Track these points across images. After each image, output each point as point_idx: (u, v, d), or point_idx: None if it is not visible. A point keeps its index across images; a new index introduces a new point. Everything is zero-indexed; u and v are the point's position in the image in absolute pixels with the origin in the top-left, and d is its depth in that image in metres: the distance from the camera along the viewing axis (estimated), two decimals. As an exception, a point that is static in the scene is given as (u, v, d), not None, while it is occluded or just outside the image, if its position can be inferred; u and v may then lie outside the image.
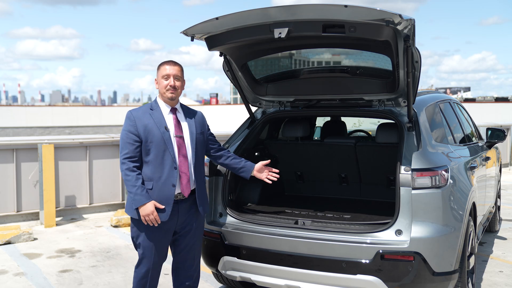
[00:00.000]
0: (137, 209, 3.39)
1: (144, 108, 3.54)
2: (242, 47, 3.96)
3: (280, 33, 3.47)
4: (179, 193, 3.49)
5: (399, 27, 3.26)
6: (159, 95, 3.59)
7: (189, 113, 3.67)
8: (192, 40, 3.80)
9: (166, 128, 3.46)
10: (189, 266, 3.71)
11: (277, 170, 3.98)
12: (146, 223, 3.39)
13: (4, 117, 40.98)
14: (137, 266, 3.57)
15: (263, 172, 3.94)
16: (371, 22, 3.24)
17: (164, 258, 3.61)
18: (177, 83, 3.52)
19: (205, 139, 3.72)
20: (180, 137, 3.51)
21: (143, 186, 3.38)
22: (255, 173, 3.92)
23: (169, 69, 3.51)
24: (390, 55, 3.68)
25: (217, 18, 3.54)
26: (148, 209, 3.35)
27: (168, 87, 3.49)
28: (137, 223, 3.49)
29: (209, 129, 3.82)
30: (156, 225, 3.39)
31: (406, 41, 3.38)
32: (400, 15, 3.12)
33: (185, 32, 3.71)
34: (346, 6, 3.16)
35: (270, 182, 3.97)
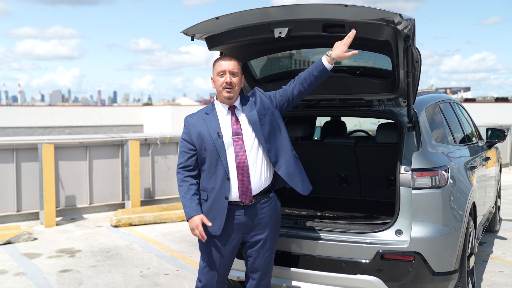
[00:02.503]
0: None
1: (200, 113, 3.31)
2: (242, 47, 3.96)
3: (280, 32, 3.44)
4: (238, 200, 3.22)
5: (399, 27, 3.26)
6: (217, 95, 3.33)
7: (246, 101, 3.33)
8: (192, 39, 3.74)
9: (219, 134, 3.19)
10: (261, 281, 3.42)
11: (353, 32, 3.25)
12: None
13: (4, 117, 40.93)
14: (200, 279, 3.36)
15: (338, 49, 3.26)
16: (371, 21, 3.24)
17: (229, 269, 3.39)
18: (234, 79, 3.23)
19: (277, 112, 3.34)
20: (239, 138, 3.21)
21: (194, 197, 3.19)
22: (333, 57, 3.28)
23: (224, 65, 3.23)
24: (390, 55, 3.68)
25: (217, 18, 3.51)
26: (194, 223, 3.14)
27: (224, 84, 3.21)
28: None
29: (269, 96, 3.40)
30: (203, 240, 3.18)
31: (406, 41, 3.38)
32: (400, 15, 3.12)
33: (185, 32, 3.67)
34: (346, 5, 3.15)
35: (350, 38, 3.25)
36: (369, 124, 7.46)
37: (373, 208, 4.53)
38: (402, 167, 3.56)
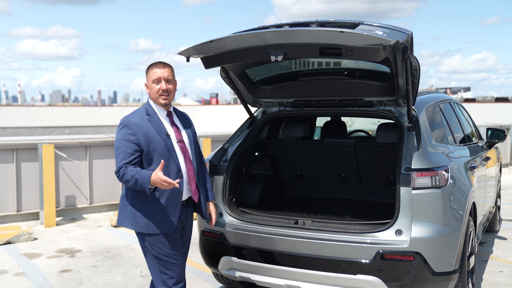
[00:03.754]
0: (139, 221, 3.21)
1: (140, 114, 3.28)
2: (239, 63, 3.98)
3: (276, 56, 3.48)
4: (189, 197, 3.36)
5: (397, 45, 3.24)
6: (153, 101, 3.35)
7: (180, 115, 3.49)
8: (188, 60, 3.79)
9: (168, 135, 3.25)
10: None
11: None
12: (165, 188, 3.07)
13: (4, 117, 40.94)
14: (162, 284, 3.27)
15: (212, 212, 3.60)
16: (368, 46, 3.22)
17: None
18: (169, 86, 3.28)
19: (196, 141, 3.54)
20: (182, 142, 3.33)
21: (144, 169, 3.14)
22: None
23: (159, 72, 3.26)
24: (388, 65, 3.68)
25: (211, 41, 3.54)
26: (157, 178, 3.00)
27: (161, 91, 3.25)
28: (151, 239, 3.24)
29: (195, 132, 3.58)
30: (177, 185, 3.05)
31: (404, 53, 3.37)
32: (397, 40, 3.08)
33: (181, 54, 3.71)
34: (342, 32, 3.13)
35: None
36: (369, 124, 7.46)
37: (373, 208, 4.53)
38: (402, 167, 3.56)
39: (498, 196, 6.79)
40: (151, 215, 3.22)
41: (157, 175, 3.01)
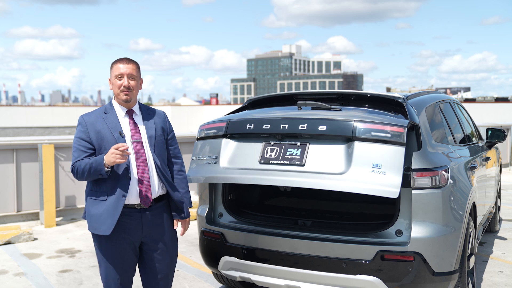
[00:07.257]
0: (88, 219, 3.20)
1: (98, 112, 3.21)
2: None
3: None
4: (139, 203, 3.16)
5: None
6: (114, 97, 3.26)
7: (148, 114, 3.31)
8: None
9: (121, 134, 3.14)
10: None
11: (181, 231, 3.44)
12: (121, 159, 2.98)
13: (4, 117, 40.97)
14: (103, 281, 3.29)
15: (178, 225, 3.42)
16: None
17: (131, 275, 3.31)
18: (132, 83, 3.17)
19: (166, 141, 3.35)
20: (138, 142, 3.17)
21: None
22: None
23: (122, 68, 3.16)
24: None
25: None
26: (110, 154, 2.97)
27: (122, 87, 3.15)
28: (96, 238, 3.21)
29: (171, 132, 3.41)
30: (127, 154, 2.99)
31: None
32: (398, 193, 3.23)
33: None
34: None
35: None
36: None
37: (373, 208, 4.53)
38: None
39: (498, 196, 6.80)
40: (95, 214, 3.17)
41: (111, 151, 2.96)
